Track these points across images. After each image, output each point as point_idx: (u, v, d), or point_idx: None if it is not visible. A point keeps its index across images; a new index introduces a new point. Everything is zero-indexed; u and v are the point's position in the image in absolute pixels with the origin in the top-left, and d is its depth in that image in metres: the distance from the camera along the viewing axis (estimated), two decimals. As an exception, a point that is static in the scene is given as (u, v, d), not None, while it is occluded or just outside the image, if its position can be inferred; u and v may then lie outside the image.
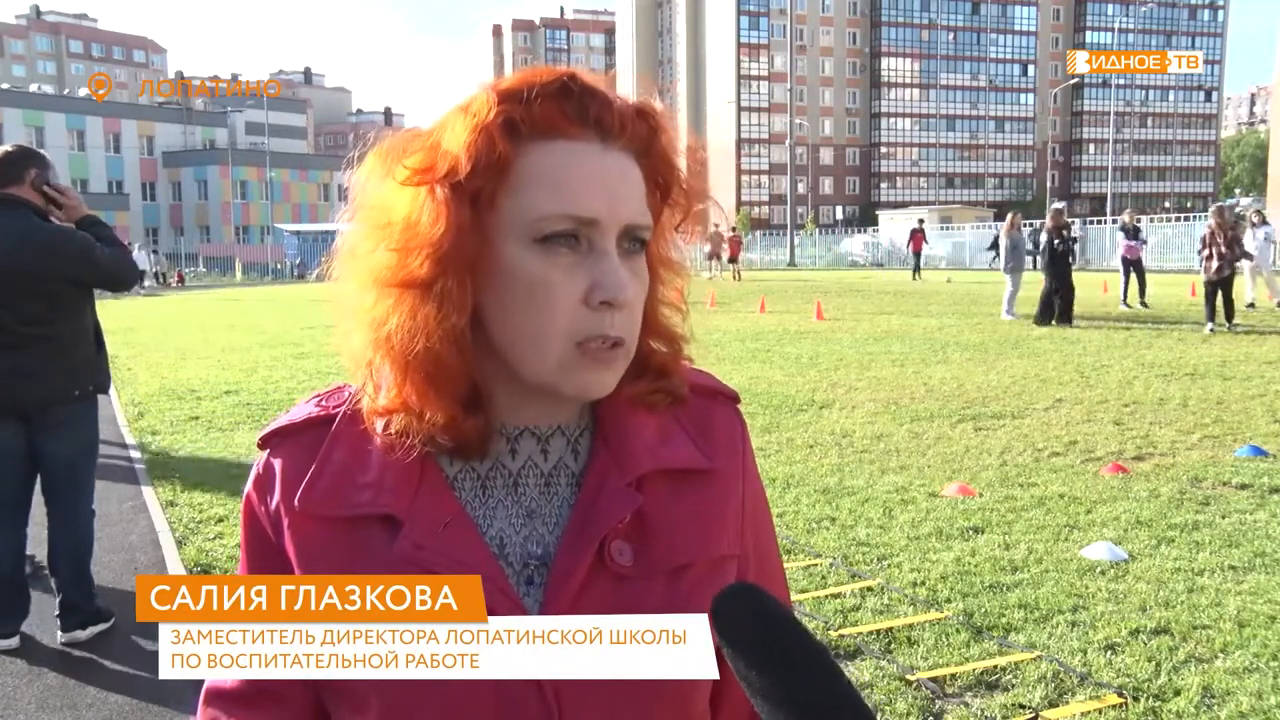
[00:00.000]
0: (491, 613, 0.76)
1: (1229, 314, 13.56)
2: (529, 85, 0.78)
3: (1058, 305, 14.93)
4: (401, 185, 0.78)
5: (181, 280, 46.23)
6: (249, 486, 0.86)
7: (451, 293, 0.77)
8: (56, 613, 3.98)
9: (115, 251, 3.92)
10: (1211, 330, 13.42)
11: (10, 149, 3.88)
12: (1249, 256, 15.51)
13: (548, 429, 0.84)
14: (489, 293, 0.78)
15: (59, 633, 3.96)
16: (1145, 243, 18.92)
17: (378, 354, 0.81)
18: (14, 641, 3.90)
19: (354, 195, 0.82)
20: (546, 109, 0.77)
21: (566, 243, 0.77)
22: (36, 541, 4.23)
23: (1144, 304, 17.58)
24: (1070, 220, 15.85)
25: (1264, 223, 17.78)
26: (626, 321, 0.79)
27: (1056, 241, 15.15)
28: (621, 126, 0.79)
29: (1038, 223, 20.81)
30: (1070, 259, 15.40)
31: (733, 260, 32.26)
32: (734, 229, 40.43)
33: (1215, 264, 13.60)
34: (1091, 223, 41.26)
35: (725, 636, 0.63)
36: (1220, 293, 13.69)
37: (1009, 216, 17.76)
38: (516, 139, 0.77)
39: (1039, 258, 15.54)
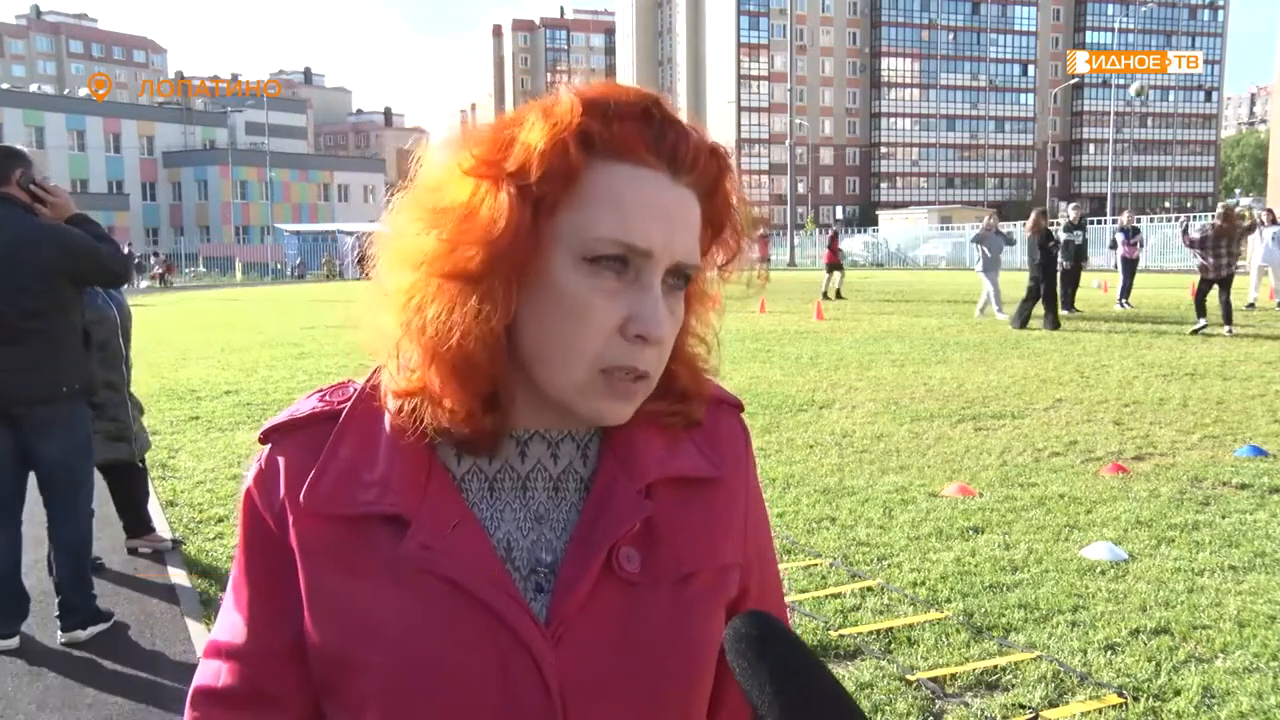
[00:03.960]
0: (500, 618, 0.76)
1: (1227, 316, 13.42)
2: (613, 100, 0.76)
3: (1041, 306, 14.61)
4: (466, 173, 0.76)
5: (170, 274, 43.61)
6: (249, 482, 0.84)
7: (497, 294, 0.75)
8: (57, 613, 3.98)
9: (108, 247, 3.94)
10: (1204, 326, 13.20)
11: None
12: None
13: (558, 433, 0.84)
14: (528, 302, 0.77)
15: (59, 633, 3.96)
16: (1135, 244, 18.87)
17: (406, 337, 0.79)
18: (14, 642, 3.89)
19: (413, 173, 0.81)
20: (626, 130, 0.76)
21: (614, 267, 0.75)
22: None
23: (1125, 304, 17.62)
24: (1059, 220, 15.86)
25: (1275, 222, 17.75)
26: (656, 357, 0.78)
27: (1052, 244, 15.05)
28: (694, 163, 0.78)
29: (1060, 220, 20.57)
30: (1062, 259, 15.39)
31: (764, 260, 33.04)
32: (763, 232, 40.95)
33: (1225, 261, 13.35)
34: (1091, 223, 41.27)
35: (735, 661, 0.63)
36: (1220, 291, 13.42)
37: (988, 216, 17.68)
38: (590, 153, 0.75)
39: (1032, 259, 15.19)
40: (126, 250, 3.85)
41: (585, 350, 0.76)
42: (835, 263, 22.47)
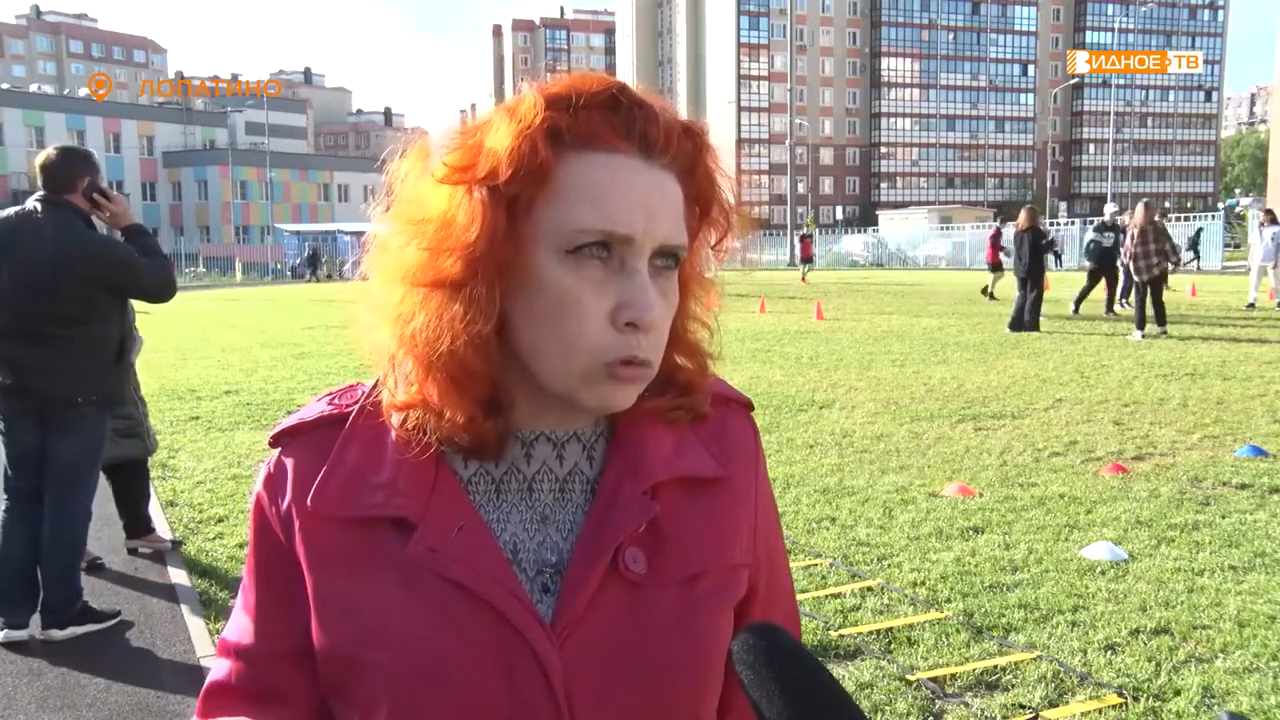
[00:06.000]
0: (506, 620, 0.76)
1: (1160, 317, 13.17)
2: (577, 92, 0.76)
3: (1029, 310, 14.32)
4: (439, 183, 0.77)
5: None
6: (259, 486, 0.84)
7: (480, 297, 0.76)
8: (39, 610, 3.98)
9: (156, 263, 3.96)
10: (1143, 337, 12.92)
11: (62, 152, 3.90)
12: (1176, 260, 14.49)
13: (564, 434, 0.84)
14: (518, 300, 0.77)
15: (38, 630, 3.96)
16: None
17: (401, 350, 0.80)
18: (25, 633, 3.90)
19: (391, 188, 0.81)
20: (593, 119, 0.76)
21: (598, 255, 0.75)
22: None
23: (1125, 304, 17.53)
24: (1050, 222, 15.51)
25: (1274, 222, 17.74)
26: (652, 343, 0.78)
27: (1044, 242, 14.78)
28: (666, 143, 0.78)
29: (1061, 221, 20.12)
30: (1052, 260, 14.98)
31: (806, 260, 32.60)
32: (806, 232, 40.47)
33: (1155, 261, 12.99)
34: (1091, 223, 41.30)
35: (743, 672, 0.63)
36: (1151, 293, 13.13)
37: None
38: (559, 147, 0.75)
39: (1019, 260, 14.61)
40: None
41: (581, 342, 0.76)
42: (997, 262, 20.18)
